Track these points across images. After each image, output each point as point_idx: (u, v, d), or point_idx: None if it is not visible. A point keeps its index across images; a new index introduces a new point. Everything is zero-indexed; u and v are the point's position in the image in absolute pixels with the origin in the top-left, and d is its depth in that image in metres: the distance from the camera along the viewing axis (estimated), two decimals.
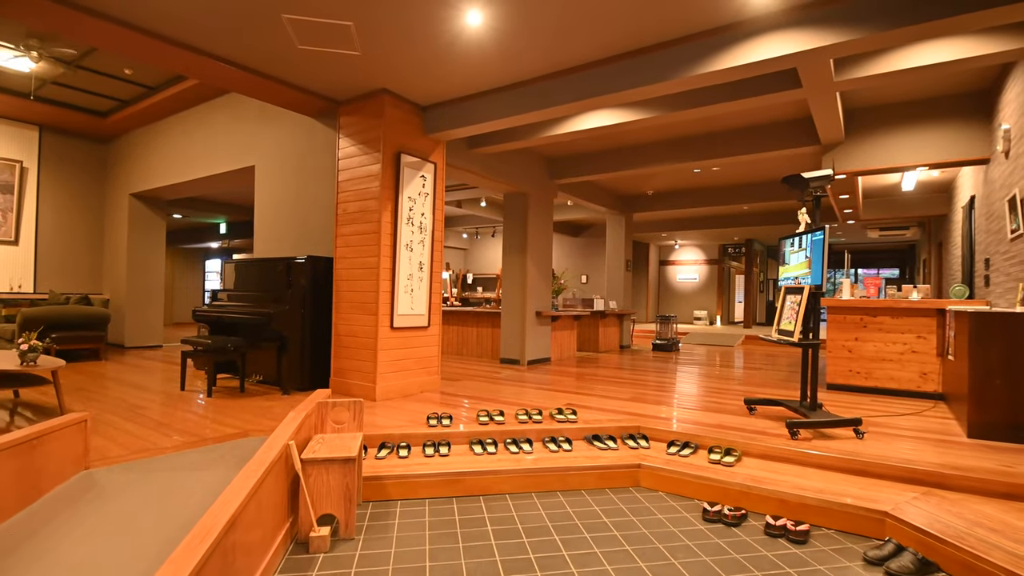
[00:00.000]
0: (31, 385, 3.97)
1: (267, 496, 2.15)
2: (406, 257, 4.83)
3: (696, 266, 16.25)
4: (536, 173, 7.36)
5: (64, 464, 2.60)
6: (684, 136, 6.46)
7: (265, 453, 2.23)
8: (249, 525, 1.93)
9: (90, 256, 9.16)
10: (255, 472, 2.04)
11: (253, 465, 2.10)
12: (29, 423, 3.74)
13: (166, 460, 3.04)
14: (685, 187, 9.31)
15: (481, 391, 5.11)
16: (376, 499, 2.99)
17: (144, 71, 6.62)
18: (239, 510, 1.79)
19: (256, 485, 1.97)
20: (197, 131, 7.38)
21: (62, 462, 2.58)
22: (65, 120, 8.26)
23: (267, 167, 6.15)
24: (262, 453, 2.22)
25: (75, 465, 2.71)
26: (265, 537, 2.12)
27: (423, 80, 4.47)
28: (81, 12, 3.49)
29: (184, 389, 5.13)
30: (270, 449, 2.27)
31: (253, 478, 1.98)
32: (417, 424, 3.80)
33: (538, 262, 7.37)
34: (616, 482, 3.21)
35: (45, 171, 8.62)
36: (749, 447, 3.33)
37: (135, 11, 3.54)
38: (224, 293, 5.88)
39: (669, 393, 5.16)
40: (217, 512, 1.73)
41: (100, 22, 3.59)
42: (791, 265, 3.93)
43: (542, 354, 7.44)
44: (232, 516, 1.72)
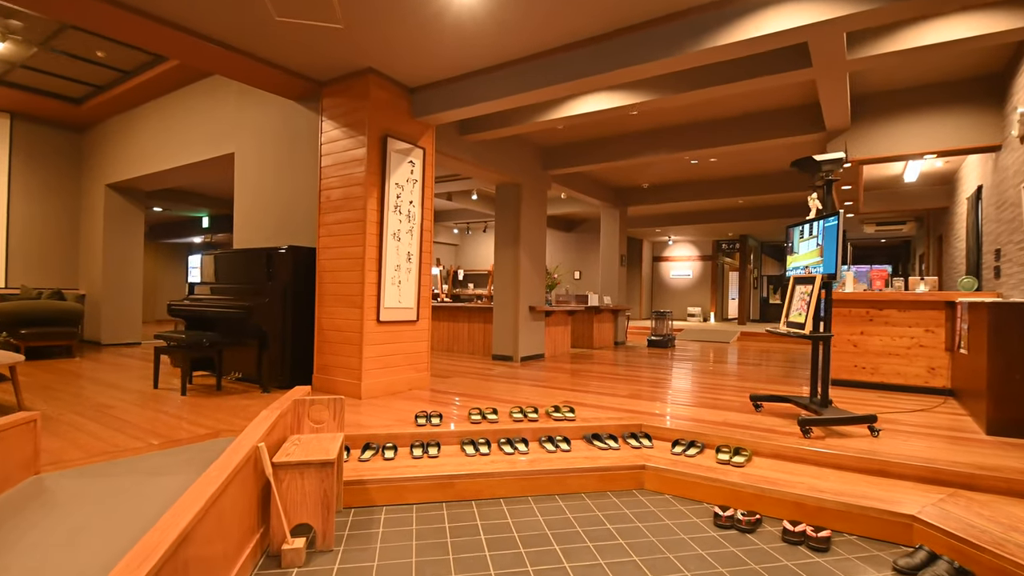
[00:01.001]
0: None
1: (231, 505, 1.90)
2: (393, 247, 4.58)
3: (690, 262, 16.10)
4: (529, 163, 7.13)
5: (9, 469, 2.33)
6: (682, 124, 6.25)
7: (229, 457, 1.98)
8: (208, 538, 1.68)
9: (65, 250, 8.79)
10: (215, 478, 1.79)
11: (214, 471, 1.85)
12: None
13: (127, 463, 2.77)
14: (681, 179, 9.12)
15: (473, 388, 4.87)
16: (359, 505, 2.74)
17: (118, 54, 6.29)
18: (193, 522, 1.54)
19: (216, 493, 1.72)
20: (175, 118, 7.06)
21: (7, 467, 2.31)
22: (38, 107, 7.89)
23: (247, 154, 5.86)
24: (226, 457, 1.97)
25: (23, 470, 2.43)
26: (229, 551, 1.87)
27: (411, 57, 4.22)
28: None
29: (157, 387, 4.84)
30: (235, 452, 2.02)
31: (212, 485, 1.73)
32: (405, 423, 3.55)
33: (532, 255, 7.13)
34: (619, 484, 2.99)
35: (17, 161, 8.24)
36: (759, 446, 3.12)
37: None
38: (202, 286, 5.59)
39: (670, 390, 4.95)
40: (166, 526, 1.48)
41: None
42: (801, 254, 3.73)
43: (536, 350, 7.21)
44: (184, 530, 1.48)
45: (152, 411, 3.92)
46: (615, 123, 6.37)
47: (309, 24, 3.74)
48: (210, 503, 1.67)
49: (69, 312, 7.11)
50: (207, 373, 5.67)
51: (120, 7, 3.53)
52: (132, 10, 3.59)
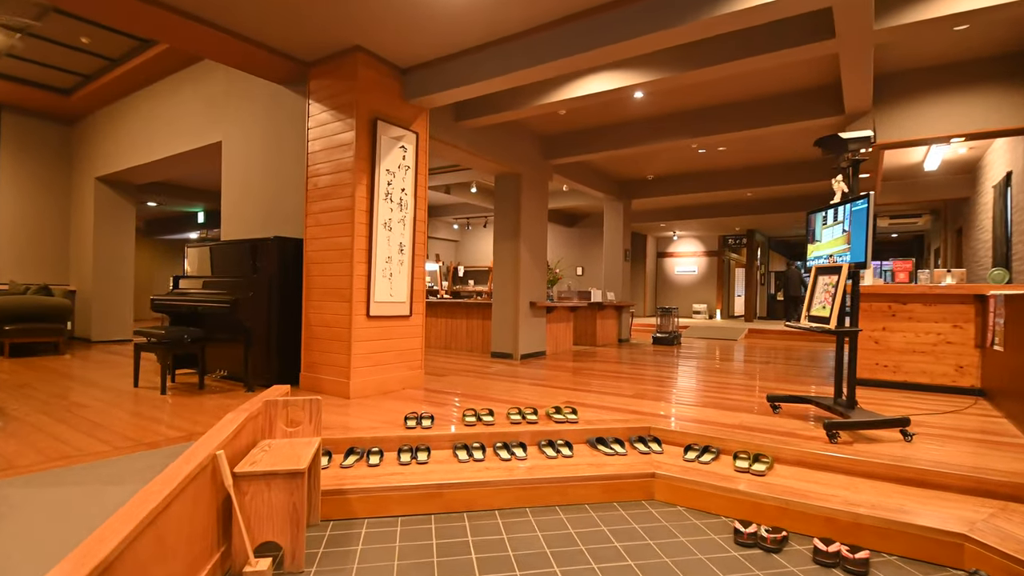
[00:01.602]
0: None
1: (179, 523, 1.63)
2: (384, 237, 4.30)
3: (695, 258, 15.79)
4: (529, 152, 6.84)
5: None
6: (689, 109, 5.95)
7: (178, 467, 1.71)
8: (146, 562, 1.42)
9: (56, 245, 8.56)
10: (156, 494, 1.52)
11: (156, 485, 1.58)
12: None
13: (85, 470, 2.51)
14: (687, 171, 8.81)
15: (470, 387, 4.60)
16: (338, 517, 2.48)
17: (103, 40, 6.03)
18: (120, 548, 1.27)
19: (154, 512, 1.45)
20: (162, 107, 6.81)
21: None
22: (26, 98, 7.64)
23: (234, 142, 5.59)
24: (174, 468, 1.70)
25: None
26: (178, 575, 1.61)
27: (400, 34, 3.94)
28: None
29: (138, 386, 4.59)
30: (187, 462, 1.75)
31: (149, 504, 1.46)
32: (393, 425, 3.28)
33: (532, 249, 6.85)
34: (626, 495, 2.71)
35: (6, 154, 8.00)
36: (781, 452, 2.84)
37: None
38: (186, 280, 5.34)
39: (679, 389, 4.66)
40: (85, 553, 1.21)
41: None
42: (824, 242, 3.43)
43: (536, 348, 6.93)
44: (107, 556, 1.21)
45: (127, 412, 3.67)
46: (618, 109, 6.08)
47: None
48: (145, 524, 1.40)
49: (56, 308, 6.88)
50: (192, 371, 5.42)
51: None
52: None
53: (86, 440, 2.99)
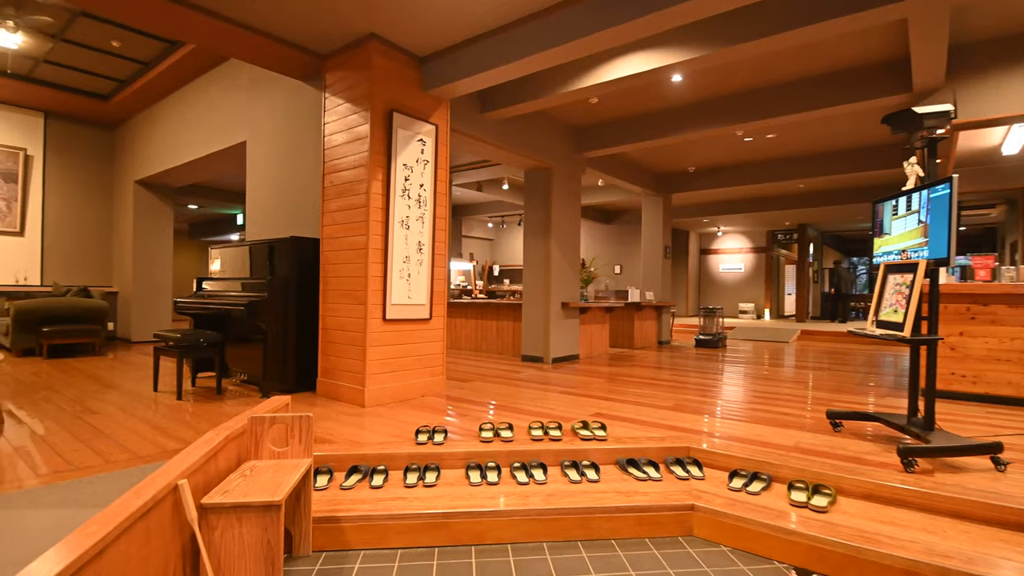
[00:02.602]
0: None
1: (126, 567, 1.39)
2: (401, 236, 4.06)
3: (741, 255, 15.02)
4: (560, 145, 6.48)
5: None
6: (733, 92, 5.46)
7: (124, 503, 1.47)
8: None
9: (99, 247, 8.78)
10: (91, 535, 1.28)
11: (93, 525, 1.34)
12: None
13: (60, 490, 2.34)
14: (731, 161, 8.25)
15: (493, 395, 4.30)
16: (332, 548, 2.22)
17: (133, 43, 6.05)
18: None
19: (79, 560, 1.21)
20: (192, 110, 6.82)
21: None
22: (69, 105, 7.84)
23: (258, 142, 5.49)
24: (119, 504, 1.46)
25: None
26: None
27: (416, 15, 3.67)
28: None
29: (157, 390, 4.51)
30: (137, 495, 1.51)
31: (73, 553, 1.22)
32: (403, 440, 3.02)
33: (564, 247, 6.50)
34: (660, 529, 2.35)
35: (51, 159, 8.24)
36: (845, 482, 2.41)
37: None
38: (209, 282, 5.26)
39: (723, 400, 4.23)
40: None
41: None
42: (894, 235, 2.96)
43: (569, 351, 6.57)
44: None
45: (136, 419, 3.55)
46: (654, 95, 5.65)
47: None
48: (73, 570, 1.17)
49: (93, 310, 6.99)
50: (213, 374, 5.33)
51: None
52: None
53: (81, 452, 2.86)
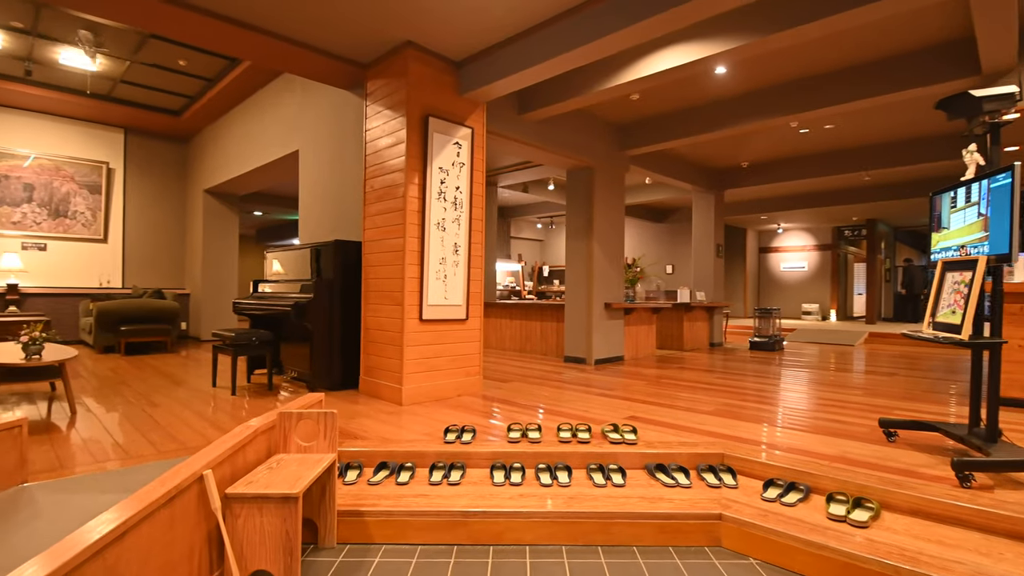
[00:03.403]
0: (45, 378, 3.73)
1: (149, 549, 1.50)
2: (437, 238, 4.13)
3: (804, 253, 14.25)
4: (602, 143, 6.39)
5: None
6: (782, 81, 5.19)
7: (151, 490, 1.58)
8: None
9: (173, 252, 9.45)
10: (110, 521, 1.38)
11: (110, 514, 1.45)
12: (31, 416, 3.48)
13: (119, 476, 2.54)
14: (788, 154, 7.84)
15: (529, 396, 4.29)
16: (355, 541, 2.29)
17: (197, 62, 6.48)
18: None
19: (104, 540, 1.31)
20: (251, 122, 7.22)
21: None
22: (145, 121, 8.50)
23: (309, 150, 5.74)
24: (143, 491, 1.57)
25: (5, 478, 2.25)
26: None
27: (449, 20, 3.72)
28: None
29: (215, 386, 4.80)
30: (162, 484, 1.62)
31: (101, 530, 1.32)
32: (433, 439, 3.07)
33: (606, 247, 6.40)
34: (685, 539, 2.27)
35: (131, 172, 8.95)
36: (891, 496, 2.24)
37: None
38: (264, 284, 5.55)
39: (768, 405, 4.04)
40: None
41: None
42: (952, 229, 2.72)
43: (613, 352, 6.46)
44: None
45: (191, 412, 3.80)
46: (698, 88, 5.46)
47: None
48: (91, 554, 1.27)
49: (165, 310, 7.53)
50: (274, 371, 5.61)
51: (171, 3, 3.43)
52: (184, 6, 3.50)
53: (138, 443, 3.08)
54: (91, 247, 8.54)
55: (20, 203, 7.72)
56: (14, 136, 7.71)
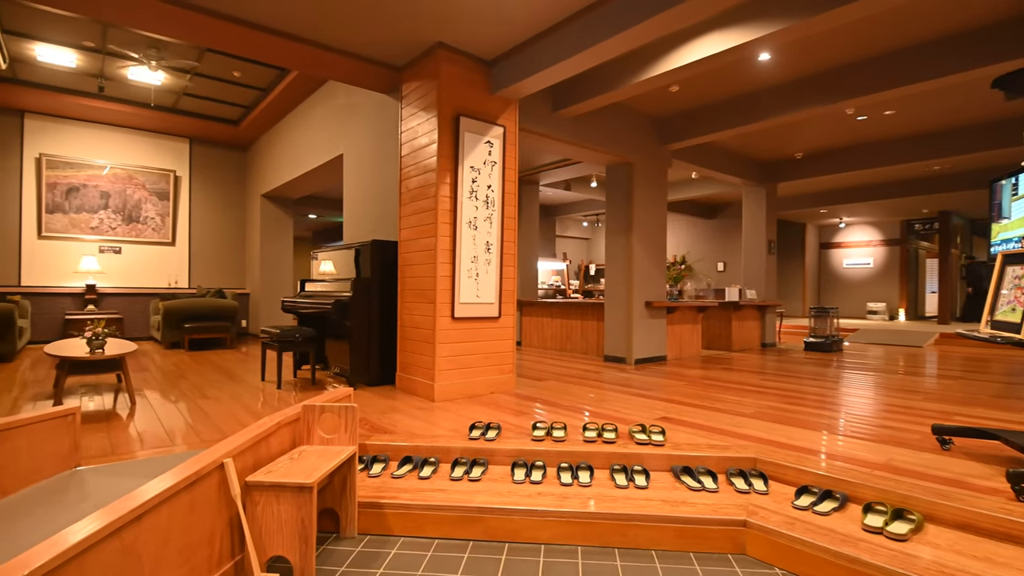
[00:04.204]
0: (109, 370, 4.03)
1: (169, 531, 1.59)
2: (469, 236, 4.16)
3: (870, 248, 13.40)
4: (641, 138, 6.24)
5: (41, 461, 2.34)
6: (833, 65, 4.89)
7: (172, 475, 1.67)
8: (106, 570, 1.37)
9: (234, 253, 9.99)
10: (127, 502, 1.48)
11: (135, 494, 1.54)
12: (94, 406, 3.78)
13: (162, 463, 2.70)
14: (845, 144, 7.40)
15: (563, 395, 4.26)
16: (375, 532, 2.34)
17: (251, 73, 6.82)
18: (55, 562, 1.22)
19: (120, 521, 1.40)
20: (302, 128, 7.52)
21: (37, 459, 2.32)
22: (207, 131, 9.03)
23: (352, 153, 5.93)
24: (166, 476, 1.67)
25: (59, 462, 2.45)
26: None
27: (478, 18, 3.75)
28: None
29: (264, 380, 5.04)
30: (183, 470, 1.71)
31: (118, 512, 1.41)
32: (459, 434, 3.10)
33: (647, 244, 6.25)
34: (707, 544, 2.18)
35: (195, 179, 9.53)
36: (937, 508, 2.07)
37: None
38: (310, 283, 5.77)
39: (813, 409, 3.82)
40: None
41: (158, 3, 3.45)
42: (1014, 219, 2.48)
43: (655, 352, 6.31)
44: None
45: (238, 404, 4.00)
46: (741, 76, 5.23)
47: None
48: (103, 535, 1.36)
49: (225, 308, 7.98)
50: (318, 367, 5.84)
51: (211, 15, 3.65)
52: (234, 20, 3.70)
53: (185, 432, 3.27)
54: (160, 250, 9.15)
55: (97, 210, 8.38)
56: (92, 148, 8.37)
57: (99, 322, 3.84)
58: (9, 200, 7.69)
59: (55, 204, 8.00)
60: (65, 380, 3.76)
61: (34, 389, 4.42)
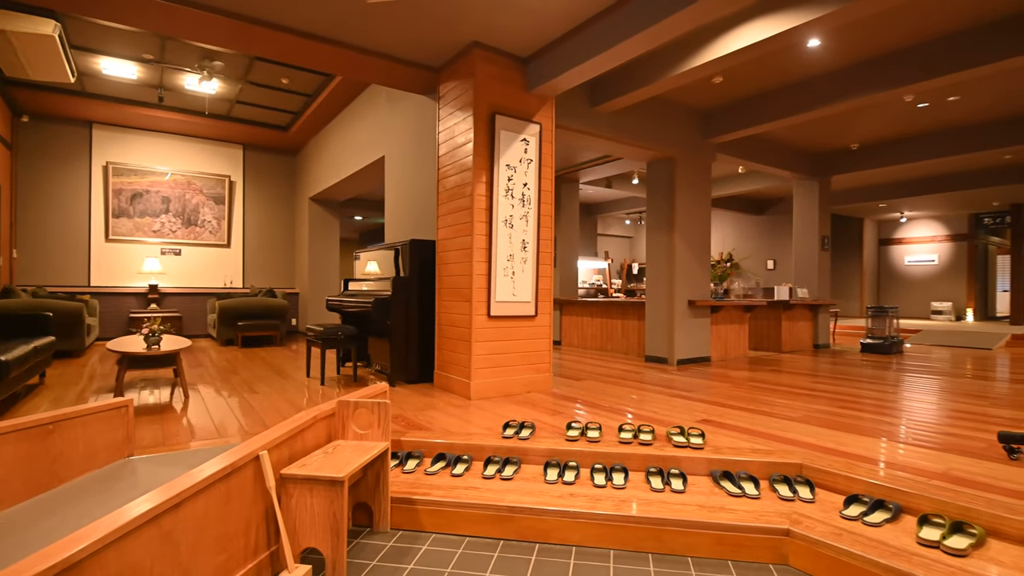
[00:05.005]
0: (165, 365, 4.25)
1: (205, 521, 1.65)
2: (505, 235, 4.15)
3: (934, 244, 12.59)
4: (683, 132, 6.07)
5: (96, 450, 2.48)
6: (889, 49, 4.61)
7: (210, 466, 1.74)
8: (144, 557, 1.43)
9: (285, 254, 10.37)
10: (165, 491, 1.54)
11: (174, 483, 1.61)
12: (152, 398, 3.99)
13: (207, 453, 2.82)
14: (905, 133, 6.96)
15: (600, 395, 4.19)
16: (408, 528, 2.36)
17: (297, 79, 7.04)
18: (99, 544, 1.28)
19: (158, 509, 1.47)
20: (346, 131, 7.72)
21: (93, 448, 2.47)
22: (259, 137, 9.40)
23: (393, 155, 6.04)
24: (204, 467, 1.73)
25: (114, 452, 2.59)
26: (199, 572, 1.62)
27: (513, 14, 3.73)
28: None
29: (309, 376, 5.19)
30: (220, 461, 1.77)
31: (153, 502, 1.48)
32: (493, 432, 3.09)
33: (690, 241, 6.07)
34: (746, 553, 2.09)
35: (249, 183, 9.94)
36: (1001, 522, 1.91)
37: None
38: (352, 282, 5.91)
39: (867, 413, 3.61)
40: (46, 554, 1.23)
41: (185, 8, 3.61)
42: None
43: (698, 352, 6.13)
44: (71, 556, 1.21)
45: (282, 399, 4.13)
46: (789, 64, 4.99)
47: (399, 1, 3.52)
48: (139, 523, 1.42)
49: (275, 307, 8.28)
50: (361, 364, 5.98)
51: (260, 25, 3.79)
52: (277, 27, 3.89)
53: (231, 424, 3.40)
54: (217, 251, 9.59)
55: (159, 214, 8.87)
56: (153, 155, 8.86)
57: (155, 320, 4.05)
58: (80, 206, 8.24)
59: (120, 209, 8.52)
60: (125, 374, 3.98)
61: (99, 383, 4.71)
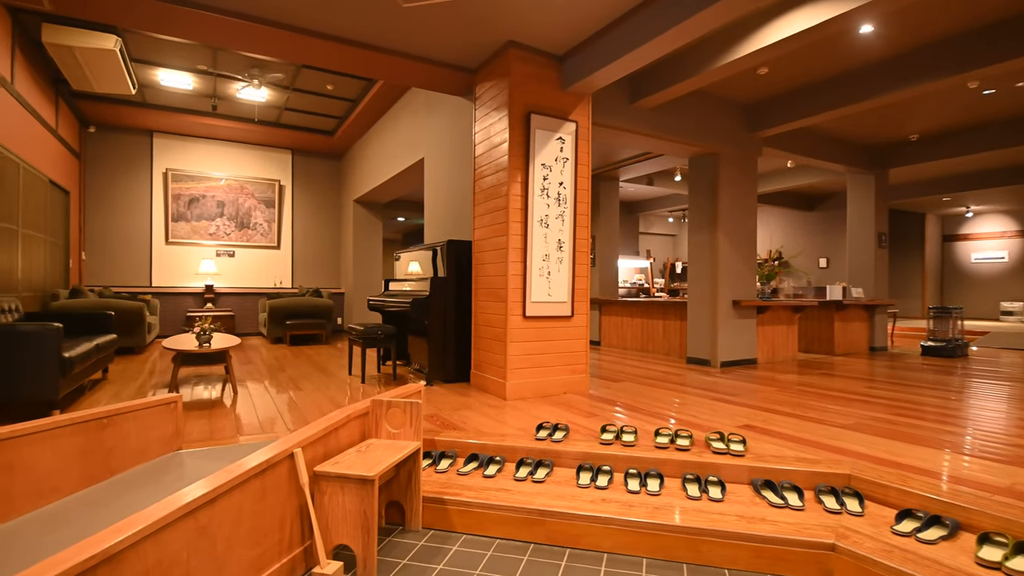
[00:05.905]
0: (216, 363, 4.43)
1: (239, 515, 1.70)
2: (540, 234, 4.13)
3: (1003, 240, 11.72)
4: (727, 126, 5.87)
5: (147, 444, 2.62)
6: (948, 33, 4.31)
7: (245, 462, 1.79)
8: (181, 549, 1.49)
9: (331, 255, 10.67)
10: (201, 487, 1.60)
11: (210, 479, 1.67)
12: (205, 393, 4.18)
13: (250, 448, 2.92)
14: (969, 122, 6.50)
15: (637, 397, 4.11)
16: (439, 527, 2.38)
17: (342, 85, 7.23)
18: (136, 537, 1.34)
19: (194, 503, 1.52)
20: (387, 135, 7.87)
21: (144, 442, 2.60)
22: (307, 142, 9.71)
23: (432, 157, 6.11)
24: (240, 463, 1.79)
25: (163, 445, 2.73)
26: (242, 570, 1.68)
27: (547, 11, 3.70)
28: (190, 7, 3.67)
29: (351, 374, 5.32)
30: (255, 458, 1.83)
31: (189, 496, 1.54)
32: (526, 434, 3.08)
33: (735, 239, 5.87)
34: (787, 567, 1.99)
35: (297, 187, 10.29)
36: None
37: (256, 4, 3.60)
38: (392, 282, 6.02)
39: (925, 422, 3.39)
40: (83, 548, 1.29)
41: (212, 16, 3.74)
42: None
43: (743, 354, 5.92)
44: (109, 549, 1.27)
45: (324, 396, 4.25)
46: (840, 52, 4.74)
47: (435, 3, 3.55)
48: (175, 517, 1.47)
49: (321, 307, 8.54)
50: (401, 363, 6.08)
51: (306, 34, 3.92)
52: (321, 36, 4.00)
53: (275, 421, 3.52)
54: (268, 253, 9.97)
55: (214, 217, 9.29)
56: (209, 161, 9.30)
57: (206, 319, 4.24)
58: (142, 210, 8.73)
59: (179, 213, 8.97)
60: (179, 370, 4.18)
61: (157, 378, 4.98)
